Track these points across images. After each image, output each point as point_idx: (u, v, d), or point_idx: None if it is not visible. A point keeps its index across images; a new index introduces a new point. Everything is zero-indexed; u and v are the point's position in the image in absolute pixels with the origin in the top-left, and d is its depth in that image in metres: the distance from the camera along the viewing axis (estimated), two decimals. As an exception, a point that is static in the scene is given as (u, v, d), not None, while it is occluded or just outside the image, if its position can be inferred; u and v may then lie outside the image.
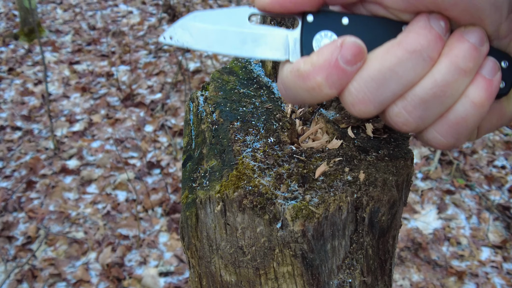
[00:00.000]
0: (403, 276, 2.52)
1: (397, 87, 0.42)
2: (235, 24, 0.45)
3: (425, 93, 0.42)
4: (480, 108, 0.42)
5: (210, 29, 0.45)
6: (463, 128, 0.43)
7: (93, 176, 3.31)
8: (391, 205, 0.55)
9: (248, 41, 0.45)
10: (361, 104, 0.42)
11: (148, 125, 3.82)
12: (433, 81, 0.41)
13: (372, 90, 0.41)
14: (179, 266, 2.65)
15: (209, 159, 0.58)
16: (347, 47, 0.41)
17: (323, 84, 0.41)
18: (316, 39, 0.44)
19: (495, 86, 0.43)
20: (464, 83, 0.42)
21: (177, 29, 0.46)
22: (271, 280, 0.55)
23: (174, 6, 4.12)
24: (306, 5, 0.43)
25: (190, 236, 0.58)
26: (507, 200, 2.93)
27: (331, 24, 0.44)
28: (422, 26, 0.41)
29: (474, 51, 0.41)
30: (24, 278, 2.59)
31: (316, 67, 0.41)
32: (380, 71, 0.41)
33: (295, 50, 0.45)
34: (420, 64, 0.41)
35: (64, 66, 4.70)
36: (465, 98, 0.42)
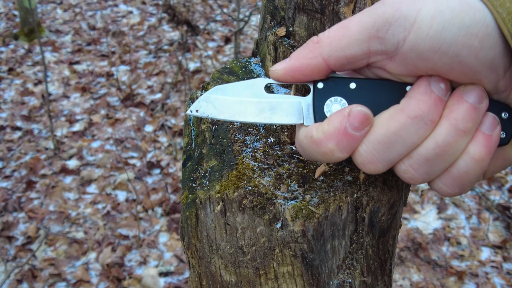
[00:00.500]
0: (403, 276, 2.52)
1: (402, 148, 0.46)
2: (253, 95, 0.50)
3: (428, 153, 0.45)
4: (481, 162, 0.46)
5: (231, 101, 0.50)
6: (465, 180, 0.47)
7: (93, 176, 3.31)
8: (391, 205, 0.55)
9: (266, 110, 0.50)
10: (371, 164, 0.47)
11: (148, 125, 3.82)
12: (435, 143, 0.45)
13: (379, 151, 0.46)
14: (179, 266, 2.65)
15: (209, 159, 0.58)
16: (354, 116, 0.45)
17: (335, 150, 0.46)
18: (327, 104, 0.48)
19: (494, 141, 0.46)
20: (464, 142, 0.45)
21: (202, 102, 0.51)
22: (271, 280, 0.55)
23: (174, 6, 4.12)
24: (315, 76, 0.48)
25: (190, 236, 0.58)
26: (507, 200, 2.93)
27: (340, 89, 0.48)
28: (423, 91, 0.45)
29: (473, 111, 0.44)
30: (24, 278, 2.59)
31: (327, 135, 0.46)
32: (385, 135, 0.45)
33: (309, 114, 0.49)
34: (422, 128, 0.45)
35: (64, 66, 4.70)
36: (466, 155, 0.46)
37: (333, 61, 0.46)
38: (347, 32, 0.45)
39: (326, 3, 0.61)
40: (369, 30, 0.44)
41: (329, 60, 0.46)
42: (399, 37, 0.43)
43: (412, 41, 0.43)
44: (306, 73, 0.47)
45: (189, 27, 4.22)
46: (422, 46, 0.42)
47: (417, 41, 0.42)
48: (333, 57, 0.46)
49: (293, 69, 0.47)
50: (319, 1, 0.61)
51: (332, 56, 0.46)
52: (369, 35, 0.44)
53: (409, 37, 0.43)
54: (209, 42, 5.06)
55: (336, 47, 0.45)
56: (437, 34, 0.42)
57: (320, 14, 0.62)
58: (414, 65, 0.44)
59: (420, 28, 0.42)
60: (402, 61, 0.45)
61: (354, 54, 0.45)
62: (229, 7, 5.88)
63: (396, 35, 0.43)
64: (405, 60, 0.44)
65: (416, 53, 0.43)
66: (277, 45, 0.65)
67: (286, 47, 0.65)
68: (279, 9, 0.66)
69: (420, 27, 0.42)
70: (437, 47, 0.42)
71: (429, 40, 0.42)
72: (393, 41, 0.43)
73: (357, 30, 0.44)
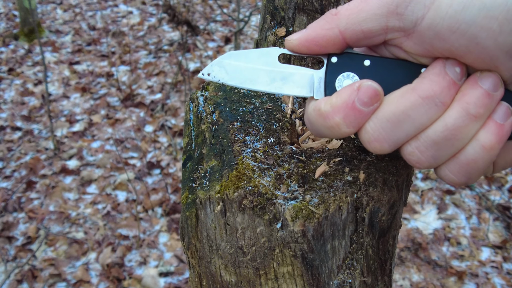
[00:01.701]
0: (403, 276, 2.52)
1: (411, 129, 0.45)
2: (266, 63, 0.50)
3: (437, 135, 0.44)
4: (490, 151, 0.45)
5: (244, 67, 0.50)
6: (473, 169, 0.46)
7: (93, 176, 3.31)
8: (391, 205, 0.55)
9: (277, 79, 0.50)
10: (377, 142, 0.46)
11: (148, 125, 3.82)
12: (444, 125, 0.44)
13: (387, 130, 0.45)
14: (179, 266, 2.65)
15: (209, 159, 0.58)
16: (364, 90, 0.44)
17: (342, 124, 0.45)
18: (339, 79, 0.48)
19: (506, 131, 0.45)
20: (474, 128, 0.44)
21: (214, 66, 0.51)
22: (271, 280, 0.55)
23: (174, 6, 4.12)
24: (330, 49, 0.47)
25: (190, 236, 0.58)
26: (507, 200, 2.93)
27: (354, 65, 0.48)
28: (437, 72, 0.44)
29: (487, 97, 0.43)
30: (24, 278, 2.59)
31: (335, 108, 0.45)
32: (394, 113, 0.44)
33: (320, 88, 0.49)
34: (433, 109, 0.44)
35: (64, 66, 4.70)
36: (475, 142, 0.45)
37: (349, 34, 0.45)
38: (366, 6, 0.44)
39: (326, 3, 0.61)
40: (388, 5, 0.43)
41: (346, 32, 0.45)
42: (418, 14, 0.43)
43: (431, 19, 0.42)
44: (321, 44, 0.46)
45: (189, 27, 4.22)
46: (440, 25, 0.42)
47: (435, 20, 0.42)
48: (349, 30, 0.45)
49: (308, 39, 0.47)
50: (319, 1, 0.62)
51: (348, 29, 0.45)
52: (388, 10, 0.43)
53: (428, 15, 0.42)
54: (209, 42, 5.06)
55: (354, 20, 0.45)
56: (456, 13, 0.41)
57: (320, 14, 0.62)
58: (431, 45, 0.44)
59: (440, 6, 0.42)
60: (419, 40, 0.44)
61: (371, 28, 0.44)
62: (229, 7, 5.88)
63: (415, 12, 0.43)
64: (423, 39, 0.44)
65: (434, 31, 0.43)
66: (277, 45, 0.66)
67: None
68: (279, 9, 0.66)
69: (440, 5, 0.42)
70: (455, 27, 0.42)
71: (447, 19, 0.42)
72: (412, 18, 0.43)
73: (376, 4, 0.44)
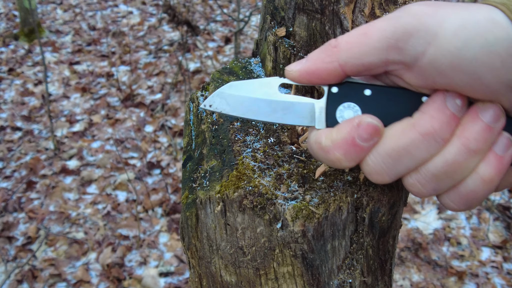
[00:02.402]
0: (403, 276, 2.51)
1: (411, 163, 0.45)
2: (266, 94, 0.50)
3: (437, 170, 0.45)
4: (490, 183, 0.45)
5: (245, 98, 0.50)
6: (473, 199, 0.46)
7: (93, 176, 3.31)
8: (391, 205, 0.55)
9: (278, 110, 0.50)
10: (378, 175, 0.46)
11: (148, 125, 3.82)
12: (444, 161, 0.44)
13: (387, 164, 0.45)
14: (179, 267, 2.65)
15: (209, 159, 0.58)
16: (363, 128, 0.44)
17: (342, 159, 0.45)
18: (339, 109, 0.48)
19: (506, 162, 0.45)
20: (475, 161, 0.44)
21: (216, 98, 0.51)
22: (271, 280, 0.55)
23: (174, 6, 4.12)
24: (331, 81, 0.47)
25: (190, 236, 0.58)
26: (507, 200, 2.93)
27: (354, 95, 0.47)
28: (437, 108, 0.44)
29: (487, 131, 0.43)
30: (24, 278, 2.59)
31: (335, 144, 0.45)
32: (394, 149, 0.44)
33: (321, 118, 0.49)
34: (433, 145, 0.44)
35: (64, 66, 4.70)
36: (475, 175, 0.45)
37: (349, 67, 0.45)
38: (366, 40, 0.44)
39: (326, 3, 0.61)
40: (388, 39, 0.43)
41: (346, 66, 0.45)
42: (419, 50, 0.42)
43: (432, 55, 0.42)
44: (321, 77, 0.47)
45: (189, 27, 4.22)
46: (442, 62, 0.41)
47: (436, 56, 0.41)
48: (349, 64, 0.45)
49: (309, 72, 0.47)
50: (319, 1, 0.61)
51: (349, 63, 0.45)
52: (388, 45, 0.43)
53: (429, 51, 0.42)
54: (209, 42, 5.06)
55: (354, 54, 0.44)
56: (457, 50, 0.41)
57: (320, 15, 0.62)
58: (432, 79, 0.43)
59: (441, 43, 0.41)
60: (420, 74, 0.44)
61: (371, 62, 0.44)
62: (229, 8, 5.88)
63: (416, 48, 0.42)
64: (423, 73, 0.43)
65: (435, 67, 0.42)
66: (277, 45, 0.66)
67: (286, 47, 0.65)
68: (279, 9, 0.66)
69: (442, 42, 0.41)
70: (457, 64, 0.41)
71: (449, 56, 0.41)
72: (413, 53, 0.42)
73: (376, 38, 0.43)
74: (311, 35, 0.64)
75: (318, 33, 0.63)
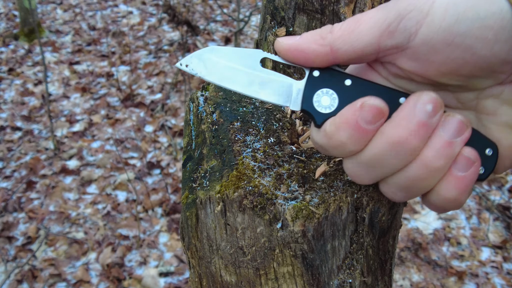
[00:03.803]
0: (403, 276, 2.51)
1: (387, 170, 0.45)
2: (247, 65, 0.49)
3: (401, 183, 0.45)
4: (455, 202, 0.45)
5: (223, 65, 0.49)
6: (448, 206, 0.46)
7: (93, 176, 3.31)
8: (391, 205, 0.55)
9: (256, 83, 0.49)
10: (357, 178, 0.48)
11: (148, 125, 3.82)
12: (406, 177, 0.45)
13: (364, 169, 0.46)
14: (179, 267, 2.65)
15: (209, 159, 0.58)
16: (366, 110, 0.44)
17: (347, 143, 0.45)
18: (317, 94, 0.47)
19: (468, 181, 0.44)
20: (436, 178, 0.44)
21: (194, 59, 0.49)
22: (271, 280, 0.55)
23: (174, 6, 4.12)
24: (317, 63, 0.47)
25: (190, 236, 0.58)
26: (507, 200, 2.93)
27: (334, 82, 0.47)
28: (405, 115, 0.43)
29: (447, 147, 0.43)
30: (24, 278, 2.59)
31: (338, 128, 0.45)
32: (366, 157, 0.45)
33: (297, 99, 0.48)
34: (402, 154, 0.43)
35: (64, 66, 4.70)
36: (437, 194, 0.45)
37: (341, 53, 0.45)
38: (358, 27, 0.44)
39: (326, 3, 0.61)
40: (380, 24, 0.43)
41: (338, 52, 0.45)
42: (411, 30, 0.42)
43: (424, 34, 0.42)
44: (309, 57, 0.46)
45: (189, 27, 4.22)
46: (435, 39, 0.42)
47: (429, 34, 0.42)
48: (342, 50, 0.45)
49: (298, 49, 0.46)
50: (319, 1, 0.62)
51: (341, 49, 0.45)
52: (379, 30, 0.43)
53: (421, 30, 0.42)
54: (209, 42, 5.06)
55: (346, 41, 0.44)
56: (450, 26, 0.41)
57: (320, 15, 0.62)
58: (426, 59, 0.43)
59: (433, 20, 0.41)
60: (413, 55, 0.44)
61: (363, 49, 0.44)
62: (229, 7, 5.88)
63: (407, 28, 0.42)
64: (417, 54, 0.43)
65: (428, 46, 0.42)
66: (277, 45, 0.65)
67: (286, 47, 0.65)
68: (279, 9, 0.66)
69: (433, 20, 0.41)
70: (450, 40, 0.41)
71: (441, 33, 0.41)
72: (404, 35, 0.42)
73: (368, 25, 0.44)
74: (311, 35, 0.64)
75: (318, 33, 0.63)
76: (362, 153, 0.45)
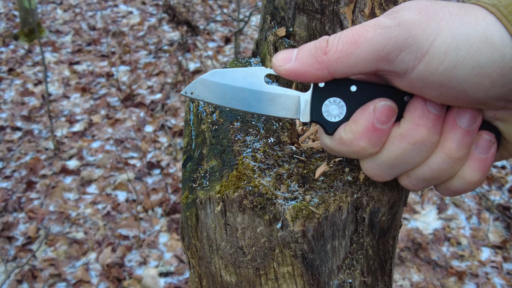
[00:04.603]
0: (403, 276, 2.51)
1: (406, 167, 0.48)
2: (252, 84, 0.49)
3: (425, 176, 0.48)
4: (477, 184, 0.47)
5: (229, 87, 0.49)
6: (465, 191, 0.49)
7: (93, 176, 3.31)
8: (391, 206, 0.55)
9: (263, 100, 0.49)
10: (378, 177, 0.50)
11: (148, 125, 3.82)
12: (430, 170, 0.47)
13: (385, 170, 0.48)
14: (179, 267, 2.65)
15: (209, 159, 0.58)
16: (379, 111, 0.46)
17: (367, 147, 0.47)
18: (325, 104, 0.48)
19: (489, 163, 0.47)
20: (459, 165, 0.47)
21: (198, 85, 0.50)
22: (271, 280, 0.55)
23: (174, 6, 4.12)
24: (317, 81, 0.48)
25: (190, 236, 0.58)
26: (507, 200, 2.93)
27: (340, 91, 0.48)
28: (420, 114, 0.45)
29: (467, 136, 0.45)
30: (24, 278, 2.59)
31: (357, 135, 0.46)
32: (389, 158, 0.47)
33: (306, 111, 0.49)
34: (424, 150, 0.46)
35: (64, 66, 4.70)
36: (461, 179, 0.47)
37: (339, 74, 0.46)
38: (356, 51, 0.43)
39: (326, 4, 0.61)
40: (379, 52, 0.42)
41: (335, 73, 0.46)
42: (409, 65, 0.42)
43: (421, 72, 0.42)
44: (308, 79, 0.47)
45: (189, 27, 4.22)
46: (430, 78, 0.42)
47: (425, 73, 0.42)
48: (339, 72, 0.45)
49: (297, 74, 0.47)
50: (319, 1, 0.61)
51: (338, 71, 0.45)
52: (378, 57, 0.43)
53: (418, 67, 0.42)
54: (209, 42, 5.06)
55: (344, 64, 0.44)
56: (447, 71, 0.41)
57: (320, 15, 0.62)
58: (420, 90, 0.44)
59: (431, 61, 0.41)
60: (408, 84, 0.44)
61: (361, 71, 0.45)
62: (229, 8, 5.88)
63: (405, 62, 0.42)
64: (412, 84, 0.44)
65: (424, 83, 0.43)
66: (277, 45, 0.66)
67: (286, 47, 0.65)
68: (279, 10, 0.66)
69: (431, 60, 0.41)
70: (446, 82, 0.42)
71: (438, 75, 0.41)
72: (402, 67, 0.43)
73: (366, 50, 0.43)
74: (311, 35, 0.64)
75: (318, 33, 0.63)
76: (381, 154, 0.47)
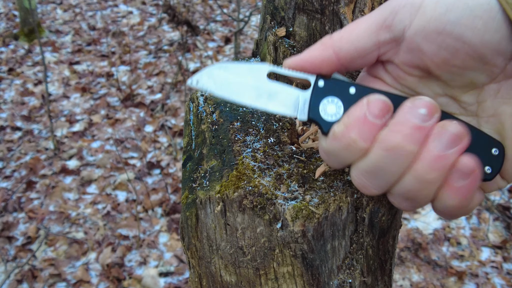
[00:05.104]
0: (403, 276, 2.51)
1: (389, 178, 0.45)
2: (254, 79, 0.51)
3: (403, 193, 0.45)
4: (460, 209, 0.45)
5: (232, 80, 0.51)
6: (454, 214, 0.46)
7: (93, 176, 3.31)
8: (391, 205, 0.55)
9: (264, 96, 0.51)
10: (364, 188, 0.47)
11: (148, 125, 3.82)
12: (405, 188, 0.45)
13: (368, 179, 0.46)
14: (179, 267, 2.65)
15: (209, 159, 0.58)
16: (373, 104, 0.45)
17: (357, 139, 0.45)
18: (323, 103, 0.49)
19: (468, 189, 0.44)
20: (432, 190, 0.44)
21: (204, 76, 0.51)
22: (271, 280, 0.55)
23: (174, 6, 4.12)
24: (324, 69, 0.49)
25: (190, 236, 0.58)
26: (507, 200, 2.93)
27: (339, 91, 0.48)
28: (399, 120, 0.43)
29: (440, 160, 0.42)
30: (24, 278, 2.59)
31: (348, 126, 0.45)
32: (369, 165, 0.45)
33: (304, 109, 0.50)
34: (400, 160, 0.43)
35: (64, 66, 4.70)
36: (440, 203, 0.45)
37: (343, 53, 0.47)
38: (357, 27, 0.47)
39: (326, 4, 0.61)
40: (376, 21, 0.46)
41: (340, 52, 0.47)
42: (405, 22, 0.45)
43: (418, 24, 0.44)
44: (315, 63, 0.48)
45: (189, 27, 4.22)
46: (427, 28, 0.44)
47: (422, 24, 0.44)
48: (343, 50, 0.47)
49: (303, 59, 0.49)
50: (319, 1, 0.62)
51: (342, 49, 0.47)
52: (377, 26, 0.46)
53: (414, 21, 0.45)
54: (209, 42, 5.06)
55: (346, 40, 0.47)
56: (440, 16, 0.43)
57: (320, 15, 0.62)
58: (420, 50, 0.45)
59: (425, 11, 0.44)
60: (409, 47, 0.46)
61: (364, 45, 0.47)
62: (229, 8, 5.88)
63: (402, 21, 0.45)
64: (412, 45, 0.45)
65: (422, 35, 0.44)
66: (277, 45, 0.66)
67: (286, 47, 0.65)
68: (279, 9, 0.66)
69: (425, 11, 0.44)
70: (441, 28, 0.43)
71: (433, 22, 0.44)
72: (400, 27, 0.45)
73: (365, 23, 0.47)
74: (311, 35, 0.64)
75: (318, 33, 0.63)
76: (364, 160, 0.46)
